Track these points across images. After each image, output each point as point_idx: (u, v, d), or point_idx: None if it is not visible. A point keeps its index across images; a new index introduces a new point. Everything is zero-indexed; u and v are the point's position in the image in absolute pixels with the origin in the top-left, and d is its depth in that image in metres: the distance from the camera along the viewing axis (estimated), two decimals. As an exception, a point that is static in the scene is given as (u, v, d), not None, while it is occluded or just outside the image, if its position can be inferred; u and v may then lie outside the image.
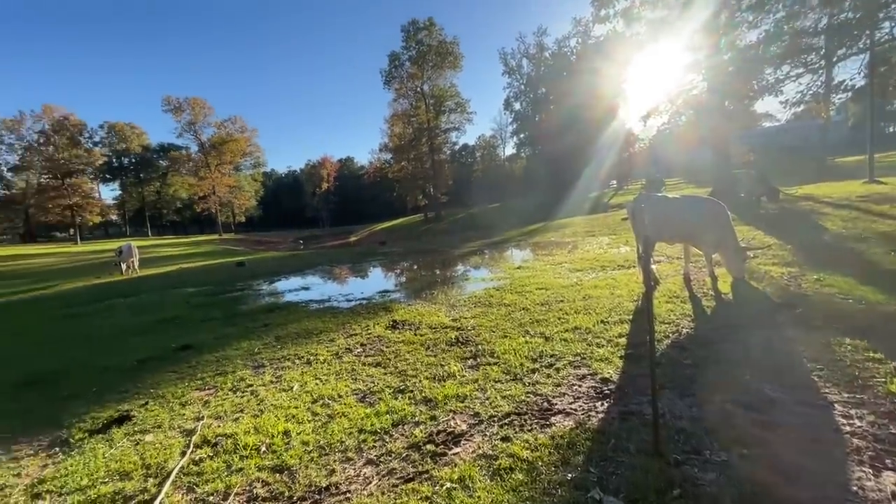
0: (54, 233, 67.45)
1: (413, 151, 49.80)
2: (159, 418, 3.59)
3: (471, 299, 7.16)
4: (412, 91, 48.90)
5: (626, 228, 14.55)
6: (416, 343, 5.03)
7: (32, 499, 2.61)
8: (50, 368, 5.38)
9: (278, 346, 5.45)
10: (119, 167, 71.08)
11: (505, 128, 72.30)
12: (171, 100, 62.15)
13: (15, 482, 2.84)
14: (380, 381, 4.01)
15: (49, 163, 56.02)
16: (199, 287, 12.13)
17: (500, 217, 35.83)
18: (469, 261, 13.16)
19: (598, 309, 5.63)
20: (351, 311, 7.27)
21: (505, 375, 3.86)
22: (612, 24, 21.07)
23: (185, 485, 2.60)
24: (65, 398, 4.29)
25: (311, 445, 2.93)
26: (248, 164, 76.27)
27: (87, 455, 3.08)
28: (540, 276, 8.64)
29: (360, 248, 30.08)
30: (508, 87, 51.16)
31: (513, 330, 5.17)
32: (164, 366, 5.05)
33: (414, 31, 46.04)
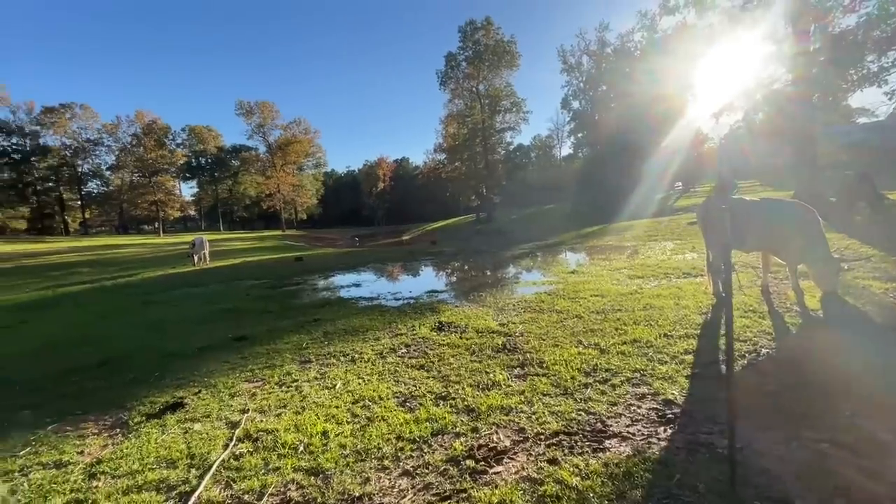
0: (143, 225, 74.58)
1: (467, 151, 49.79)
2: (209, 408, 3.69)
3: (520, 303, 6.88)
4: (467, 91, 48.87)
5: (694, 233, 13.50)
6: (462, 347, 4.86)
7: (88, 478, 2.73)
8: (123, 351, 5.79)
9: (326, 342, 5.50)
10: (197, 166, 77.20)
11: (562, 127, 70.52)
12: (243, 104, 66.66)
13: (77, 459, 3.00)
14: (422, 385, 3.89)
15: (139, 162, 62.13)
16: (259, 280, 12.75)
17: (554, 219, 34.86)
18: (520, 263, 12.80)
19: (661, 321, 5.15)
20: (398, 310, 7.25)
21: (554, 388, 3.58)
22: (681, 15, 19.72)
23: (224, 479, 2.61)
24: (130, 381, 4.57)
25: (349, 449, 2.84)
26: (311, 164, 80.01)
27: (141, 439, 3.21)
28: (596, 281, 8.17)
29: (412, 246, 30.45)
30: (567, 86, 49.63)
31: (564, 339, 4.85)
32: (219, 355, 5.26)
33: (471, 31, 45.97)
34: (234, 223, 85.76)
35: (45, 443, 3.29)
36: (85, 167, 65.41)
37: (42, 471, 2.87)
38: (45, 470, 2.88)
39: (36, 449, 3.19)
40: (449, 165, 55.26)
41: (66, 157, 62.75)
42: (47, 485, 2.68)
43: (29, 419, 3.76)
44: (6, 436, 3.45)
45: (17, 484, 2.71)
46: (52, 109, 60.39)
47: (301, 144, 71.85)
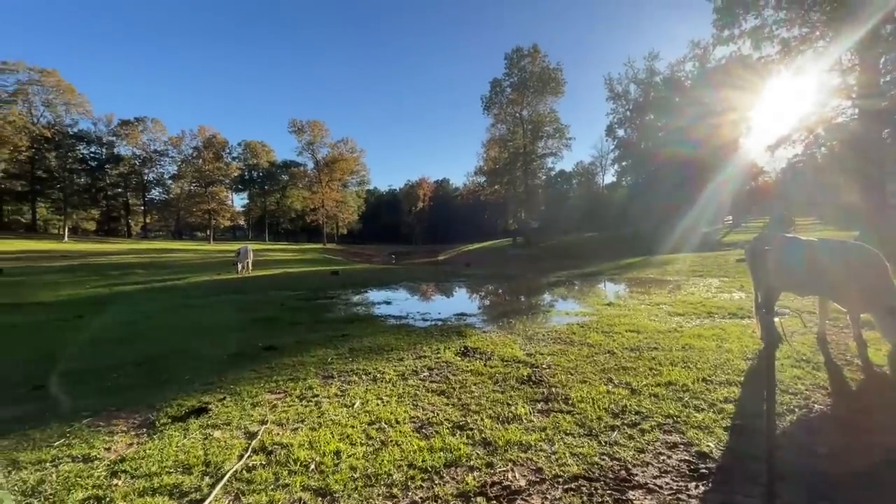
0: (196, 232, 79.18)
1: (507, 175, 49.95)
2: (230, 415, 3.76)
3: (550, 333, 6.66)
4: (511, 116, 49.35)
5: (742, 271, 12.73)
6: (485, 375, 4.73)
7: (110, 475, 2.82)
8: (161, 352, 6.06)
9: (350, 359, 5.52)
10: (249, 179, 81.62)
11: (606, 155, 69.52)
12: (295, 122, 70.48)
13: (104, 455, 3.11)
14: (440, 411, 3.79)
15: (198, 173, 66.62)
16: (295, 291, 13.12)
17: (593, 247, 34.01)
18: (554, 291, 12.48)
19: (700, 363, 4.82)
20: (425, 331, 7.20)
21: (578, 428, 3.39)
22: (736, 45, 19.16)
23: (234, 491, 2.61)
24: (163, 382, 4.74)
25: (359, 472, 2.79)
26: (355, 182, 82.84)
27: (164, 441, 3.29)
28: (632, 316, 7.81)
29: (446, 267, 30.50)
30: (612, 113, 49.09)
31: (594, 375, 4.62)
32: (247, 363, 5.39)
33: (517, 58, 46.68)
34: (279, 234, 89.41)
35: (78, 436, 3.44)
36: (150, 176, 70.74)
37: (71, 463, 2.99)
38: (73, 463, 3.00)
39: (69, 441, 3.34)
40: (488, 188, 55.58)
41: (135, 166, 68.20)
42: (73, 478, 2.78)
43: (68, 411, 3.97)
44: (47, 426, 3.64)
45: (47, 474, 2.83)
46: (127, 122, 66.14)
47: (347, 162, 74.69)
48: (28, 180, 56.29)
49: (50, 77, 54.25)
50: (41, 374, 5.11)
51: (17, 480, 2.78)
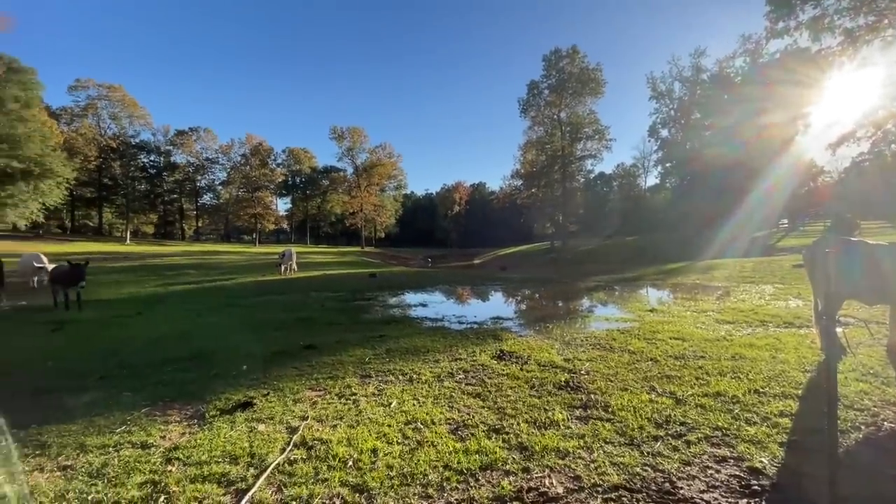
0: (243, 235, 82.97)
1: (544, 178, 49.22)
2: (274, 410, 3.91)
3: (589, 339, 6.50)
4: (548, 119, 48.65)
5: (799, 277, 11.93)
6: (521, 379, 4.67)
7: (165, 462, 3.00)
8: (210, 348, 6.39)
9: (387, 359, 5.61)
10: (292, 185, 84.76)
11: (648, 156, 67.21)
12: (336, 129, 72.60)
13: (160, 443, 3.32)
14: (476, 414, 3.78)
15: (245, 179, 69.95)
16: (335, 293, 13.48)
17: (635, 251, 32.87)
18: (593, 296, 12.17)
19: (752, 374, 4.55)
20: (461, 333, 7.21)
21: (618, 437, 3.28)
22: (792, 38, 18.03)
23: (277, 482, 2.71)
24: (213, 376, 5.00)
25: (395, 471, 2.83)
26: (392, 186, 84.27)
27: (213, 432, 3.47)
28: (677, 323, 7.49)
29: (482, 270, 30.41)
30: (655, 113, 47.44)
31: (635, 383, 4.47)
32: (289, 361, 5.59)
33: (555, 59, 46.00)
34: (319, 238, 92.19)
35: (137, 423, 3.68)
36: (202, 182, 74.92)
37: (130, 449, 3.21)
38: (132, 449, 3.22)
39: (129, 429, 3.58)
40: (525, 191, 54.99)
41: (188, 173, 72.47)
42: (132, 463, 2.98)
43: (129, 401, 4.26)
44: (110, 413, 3.92)
45: (110, 458, 3.05)
46: (182, 132, 70.48)
47: (385, 167, 76.14)
48: (96, 187, 61.06)
49: (116, 92, 58.77)
50: (106, 366, 5.52)
51: (84, 462, 3.01)
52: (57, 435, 3.46)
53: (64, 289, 10.00)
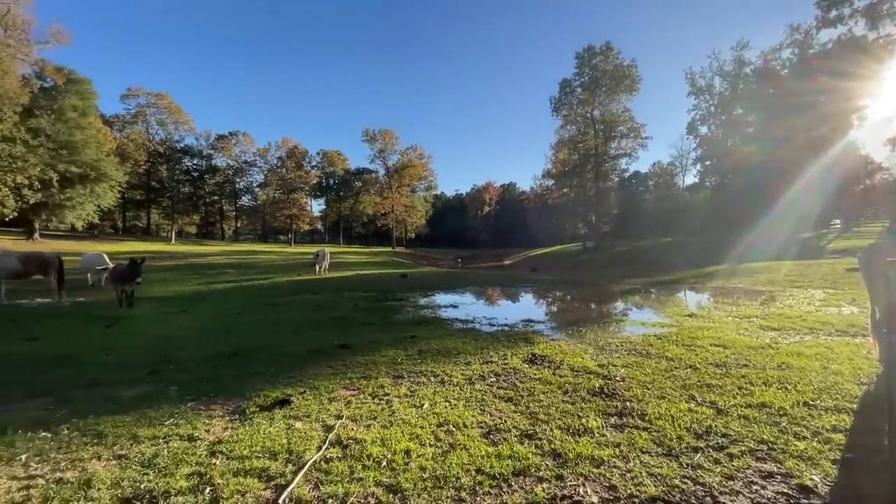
0: (279, 235, 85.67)
1: (577, 178, 48.30)
2: (310, 408, 4.03)
3: (624, 344, 6.34)
4: (581, 117, 47.72)
5: (855, 282, 11.19)
6: (554, 384, 4.62)
7: (210, 455, 3.15)
8: (249, 345, 6.65)
9: (419, 360, 5.67)
10: (326, 186, 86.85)
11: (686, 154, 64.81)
12: (368, 131, 73.96)
13: (204, 436, 3.48)
14: (508, 418, 3.77)
15: (281, 181, 72.29)
16: (367, 293, 13.72)
17: (672, 253, 31.73)
18: (628, 299, 11.85)
19: (801, 385, 4.32)
20: (491, 336, 7.19)
21: (656, 446, 3.19)
22: (846, 27, 16.94)
23: (314, 480, 2.79)
24: (252, 374, 5.20)
25: (428, 473, 2.86)
26: (423, 187, 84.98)
27: (253, 428, 3.61)
28: (718, 329, 7.19)
29: (513, 272, 30.16)
30: (694, 110, 45.52)
31: (673, 391, 4.33)
32: (324, 360, 5.74)
33: (589, 56, 45.06)
34: (352, 238, 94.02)
35: (183, 416, 3.88)
36: (241, 184, 77.90)
37: (178, 441, 3.39)
38: (180, 441, 3.39)
39: (177, 421, 3.78)
40: (557, 191, 54.16)
41: (228, 176, 75.53)
42: (180, 454, 3.14)
43: (176, 395, 4.49)
44: (159, 406, 4.15)
45: (160, 449, 3.23)
46: (223, 137, 73.52)
47: (415, 168, 76.86)
48: (144, 190, 64.63)
49: (163, 100, 62.04)
50: (154, 360, 5.84)
51: (137, 452, 3.20)
52: (112, 425, 3.68)
53: (122, 285, 10.62)
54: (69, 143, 38.03)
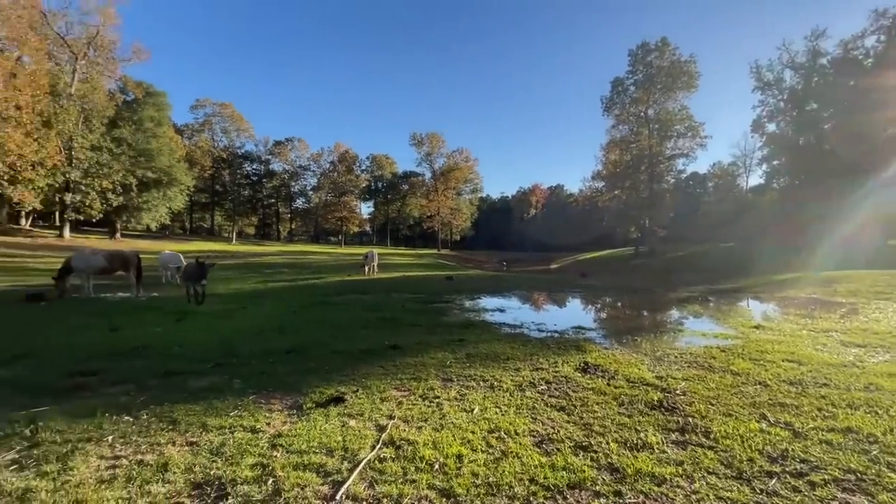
0: (330, 237, 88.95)
1: (629, 180, 46.50)
2: (363, 407, 4.13)
3: (683, 356, 6.00)
4: (634, 116, 45.96)
5: (956, 296, 9.95)
6: (609, 395, 4.44)
7: (271, 447, 3.30)
8: (304, 343, 6.92)
9: (467, 364, 5.66)
10: (375, 189, 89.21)
11: (750, 154, 60.58)
12: (415, 135, 75.32)
13: (266, 429, 3.66)
14: (561, 428, 3.67)
15: (333, 185, 75.07)
16: (414, 294, 13.91)
17: (735, 259, 29.73)
18: (686, 308, 11.22)
19: (894, 410, 3.88)
20: (541, 342, 7.05)
21: (724, 468, 2.98)
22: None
23: (368, 478, 2.85)
24: (307, 370, 5.41)
25: (480, 479, 2.83)
26: (468, 190, 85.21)
27: (310, 423, 3.75)
28: (790, 343, 6.64)
29: (560, 276, 29.46)
30: (760, 105, 42.46)
31: (741, 408, 4.03)
32: (375, 360, 5.87)
33: (642, 53, 43.35)
34: (398, 240, 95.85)
35: (247, 409, 4.10)
36: (295, 187, 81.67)
37: (242, 432, 3.58)
38: (244, 432, 3.58)
39: (240, 413, 4.00)
40: (607, 194, 52.41)
41: (284, 180, 79.44)
42: (244, 445, 3.32)
43: (239, 387, 4.75)
44: (224, 398, 4.41)
45: (227, 438, 3.43)
46: (279, 142, 77.48)
47: (461, 171, 77.21)
48: (209, 193, 69.42)
49: (226, 109, 66.44)
50: (218, 354, 6.22)
51: (206, 440, 3.41)
52: (184, 413, 3.96)
53: (192, 284, 11.39)
54: (146, 151, 41.62)
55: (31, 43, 28.75)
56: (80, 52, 37.17)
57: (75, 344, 6.68)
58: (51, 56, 34.72)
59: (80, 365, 5.48)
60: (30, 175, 28.99)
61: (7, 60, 27.36)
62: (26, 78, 27.64)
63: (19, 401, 4.23)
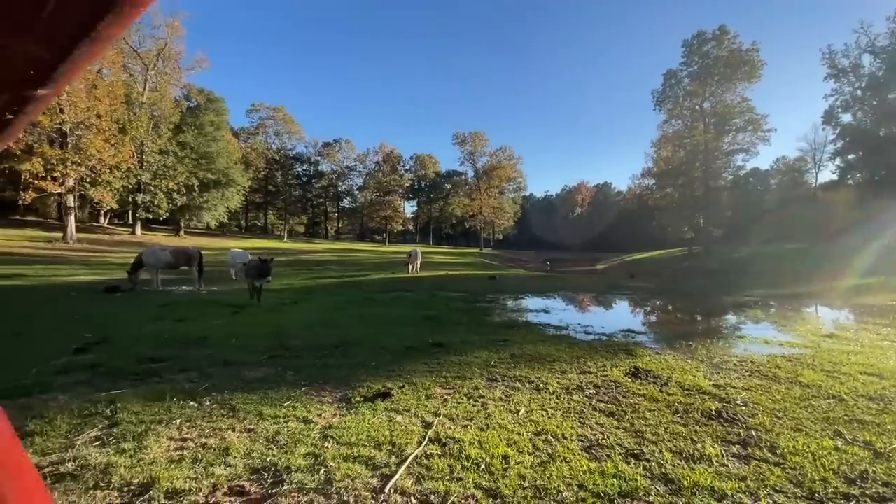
0: (374, 235, 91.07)
1: (682, 177, 44.13)
2: (409, 403, 4.19)
3: (744, 364, 5.63)
4: (688, 110, 43.59)
5: None
6: (662, 402, 4.25)
7: (322, 438, 3.42)
8: (352, 338, 7.13)
9: (512, 365, 5.60)
10: (418, 188, 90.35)
11: (821, 148, 55.65)
12: (458, 134, 75.39)
13: (317, 420, 3.80)
14: (610, 434, 3.55)
15: (378, 184, 76.77)
16: (457, 293, 13.95)
17: (802, 261, 27.53)
18: (746, 313, 10.52)
19: None
20: (588, 344, 6.86)
21: (792, 486, 2.77)
22: None
23: (416, 474, 2.89)
24: (355, 364, 5.57)
25: (527, 482, 2.80)
26: (511, 188, 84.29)
27: (359, 416, 3.86)
28: (869, 354, 6.07)
29: (607, 277, 28.52)
30: (834, 95, 38.96)
31: (812, 424, 3.73)
32: (420, 357, 5.94)
33: (698, 43, 41.00)
34: (440, 238, 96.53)
35: (299, 400, 4.27)
36: (342, 187, 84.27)
37: (295, 422, 3.74)
38: (296, 422, 3.74)
39: (293, 404, 4.18)
40: (658, 192, 50.09)
41: (332, 180, 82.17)
42: (297, 434, 3.47)
43: (292, 379, 4.97)
44: (278, 388, 4.62)
45: (281, 427, 3.59)
46: (328, 144, 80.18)
47: (504, 170, 76.55)
48: (263, 193, 73.04)
49: (279, 112, 69.62)
50: (272, 347, 6.52)
51: (262, 428, 3.59)
52: (242, 402, 4.19)
53: (253, 280, 11.81)
54: (207, 154, 44.48)
55: (109, 56, 31.42)
56: (151, 63, 40.32)
57: (146, 333, 7.25)
58: (125, 68, 37.81)
59: (151, 352, 5.94)
60: (108, 177, 31.76)
61: (89, 73, 30.12)
62: (105, 89, 30.28)
63: (100, 383, 4.65)
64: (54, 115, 27.03)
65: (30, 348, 6.07)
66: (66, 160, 27.90)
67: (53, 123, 27.39)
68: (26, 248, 25.13)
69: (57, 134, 28.80)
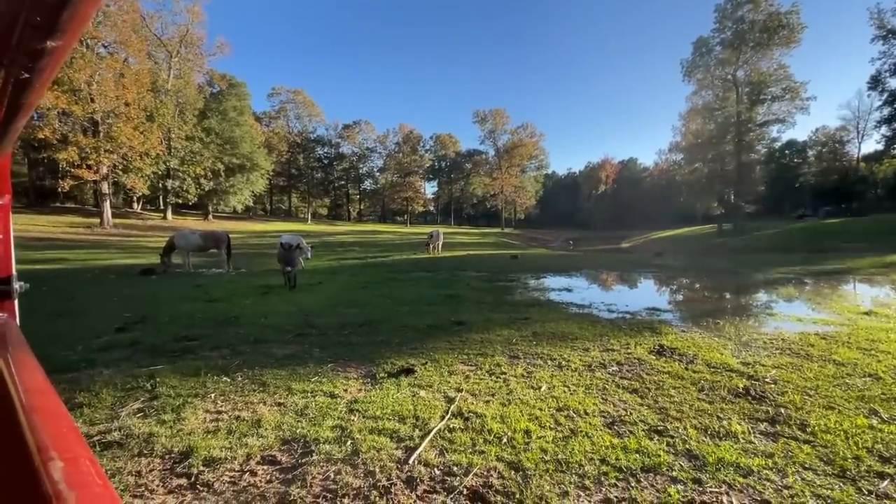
0: (396, 216, 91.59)
1: (712, 150, 42.38)
2: (432, 379, 4.27)
3: (774, 342, 5.48)
4: (720, 80, 41.51)
5: None
6: (687, 380, 4.20)
7: (348, 412, 3.54)
8: (375, 317, 7.27)
9: (534, 342, 5.62)
10: (438, 169, 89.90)
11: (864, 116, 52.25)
12: (479, 112, 74.33)
13: (343, 395, 3.93)
14: (633, 411, 3.54)
15: (398, 165, 76.79)
16: (479, 272, 13.97)
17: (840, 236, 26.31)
18: (778, 290, 10.18)
19: None
20: (611, 322, 6.79)
21: (822, 464, 2.72)
22: None
23: (439, 447, 2.97)
24: (379, 342, 5.69)
25: (549, 456, 2.84)
26: (533, 167, 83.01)
27: (383, 391, 3.96)
28: (910, 332, 5.79)
29: (632, 256, 27.96)
30: (881, 58, 36.41)
31: (845, 402, 3.62)
32: (442, 335, 6.02)
33: (732, 7, 38.72)
34: (461, 219, 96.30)
35: (326, 376, 4.41)
36: (363, 169, 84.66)
37: (322, 397, 3.87)
38: (324, 397, 3.87)
39: (320, 379, 4.32)
40: (686, 167, 48.39)
41: (353, 162, 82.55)
42: (325, 408, 3.60)
43: (319, 356, 5.12)
44: (306, 365, 4.78)
45: (310, 401, 3.73)
46: (348, 126, 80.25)
47: (526, 147, 75.26)
48: (286, 177, 74.11)
49: (299, 96, 69.87)
50: (299, 325, 6.72)
51: (292, 403, 3.73)
52: (272, 377, 4.35)
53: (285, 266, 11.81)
54: (231, 139, 45.24)
55: (134, 44, 32.02)
56: (174, 49, 40.88)
57: (181, 313, 7.57)
58: (149, 55, 38.46)
59: (186, 331, 6.21)
60: (139, 164, 32.79)
61: (116, 62, 30.84)
62: (132, 77, 30.96)
63: (140, 359, 4.91)
64: (86, 105, 27.95)
65: (75, 327, 6.44)
66: (99, 148, 28.92)
67: (86, 113, 28.32)
68: (68, 234, 26.43)
69: (89, 123, 29.81)
